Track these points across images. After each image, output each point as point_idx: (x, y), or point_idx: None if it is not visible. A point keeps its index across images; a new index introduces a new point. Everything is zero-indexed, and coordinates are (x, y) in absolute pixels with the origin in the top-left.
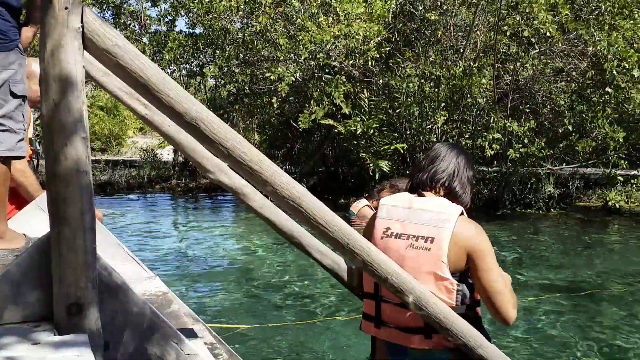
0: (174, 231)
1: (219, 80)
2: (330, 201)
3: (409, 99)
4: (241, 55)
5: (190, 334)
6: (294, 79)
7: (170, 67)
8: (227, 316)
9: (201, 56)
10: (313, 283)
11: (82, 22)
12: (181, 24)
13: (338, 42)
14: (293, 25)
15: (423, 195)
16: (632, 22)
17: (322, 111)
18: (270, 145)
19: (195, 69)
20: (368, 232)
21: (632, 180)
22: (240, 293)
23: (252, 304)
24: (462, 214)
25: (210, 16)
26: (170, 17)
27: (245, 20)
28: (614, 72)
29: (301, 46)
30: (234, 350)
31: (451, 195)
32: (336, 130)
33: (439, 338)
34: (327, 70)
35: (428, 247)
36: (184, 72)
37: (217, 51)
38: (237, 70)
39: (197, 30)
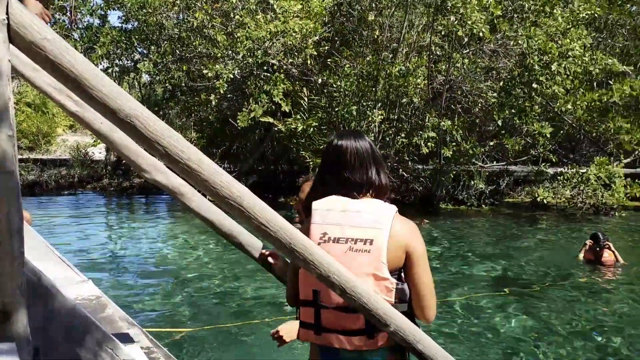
0: (107, 233)
1: (154, 76)
2: (270, 199)
3: (347, 98)
4: (177, 52)
5: (126, 338)
6: (232, 77)
7: (102, 63)
8: (164, 319)
9: (135, 52)
10: (253, 284)
11: (7, 13)
12: (114, 19)
13: (276, 39)
14: (231, 22)
15: (355, 197)
16: (552, 18)
17: (261, 109)
18: (209, 143)
19: (129, 64)
20: None
21: (559, 177)
22: (178, 295)
23: (190, 306)
24: (396, 212)
25: (145, 11)
26: (102, 12)
27: (181, 15)
28: (536, 66)
29: (239, 43)
30: (172, 353)
31: (375, 185)
32: (276, 129)
33: (381, 337)
34: (265, 68)
35: (367, 249)
36: (117, 68)
37: (152, 47)
38: (172, 67)
39: (131, 25)
